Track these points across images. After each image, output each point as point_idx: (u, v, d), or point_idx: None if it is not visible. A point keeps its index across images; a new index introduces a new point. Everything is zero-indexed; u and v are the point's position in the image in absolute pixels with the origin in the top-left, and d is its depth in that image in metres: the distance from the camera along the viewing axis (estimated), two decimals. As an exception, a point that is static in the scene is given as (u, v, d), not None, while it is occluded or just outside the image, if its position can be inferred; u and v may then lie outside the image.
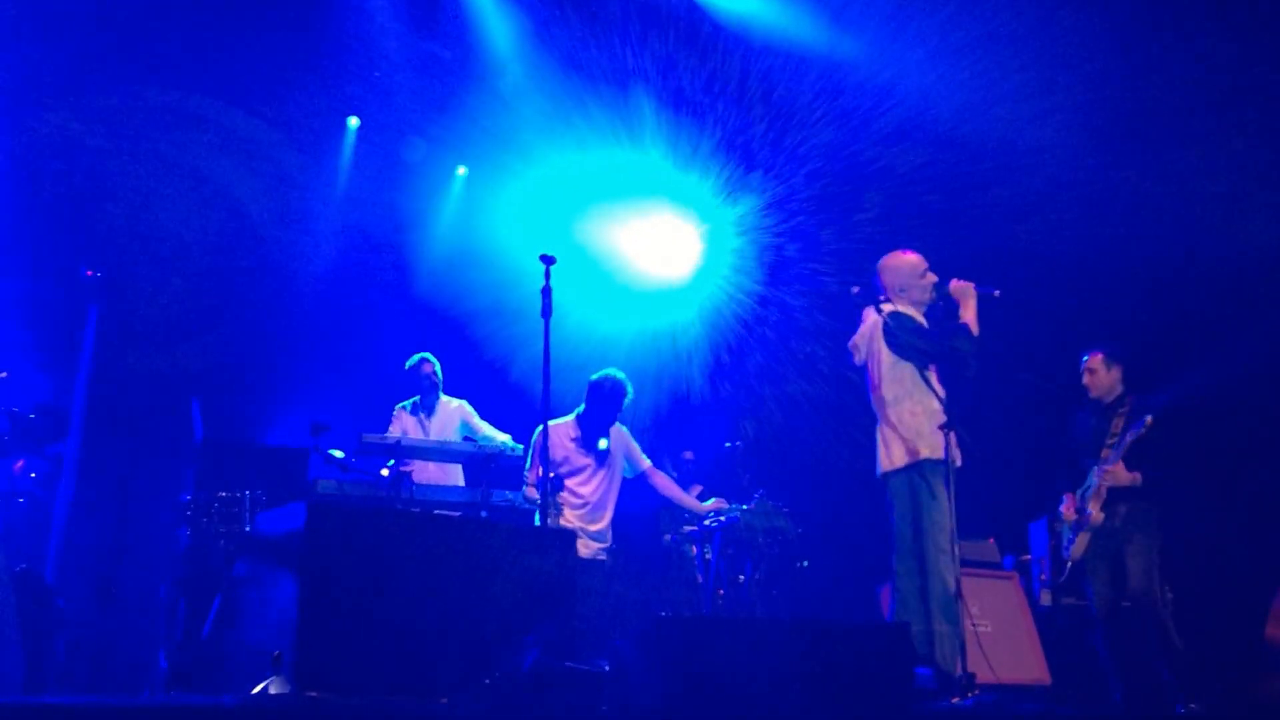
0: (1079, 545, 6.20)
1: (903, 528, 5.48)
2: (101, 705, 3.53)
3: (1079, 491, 6.30)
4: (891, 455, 5.54)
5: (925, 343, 5.56)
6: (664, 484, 6.96)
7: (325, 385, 8.60)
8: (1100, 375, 6.40)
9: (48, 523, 6.60)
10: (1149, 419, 6.02)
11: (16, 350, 7.29)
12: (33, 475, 6.62)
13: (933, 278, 5.77)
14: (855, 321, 5.95)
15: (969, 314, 5.64)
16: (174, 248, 8.47)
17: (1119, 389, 6.39)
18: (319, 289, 9.13)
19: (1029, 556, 7.32)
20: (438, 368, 7.59)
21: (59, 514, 6.56)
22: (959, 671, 5.05)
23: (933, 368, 5.57)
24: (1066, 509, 6.31)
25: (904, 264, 5.80)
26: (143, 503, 7.34)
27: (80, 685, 6.10)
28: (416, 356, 7.61)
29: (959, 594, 5.21)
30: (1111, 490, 6.10)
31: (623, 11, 8.65)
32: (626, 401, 6.69)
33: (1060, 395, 6.55)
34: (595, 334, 8.91)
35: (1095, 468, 6.22)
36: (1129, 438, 6.05)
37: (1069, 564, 6.27)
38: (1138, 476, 6.06)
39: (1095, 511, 6.12)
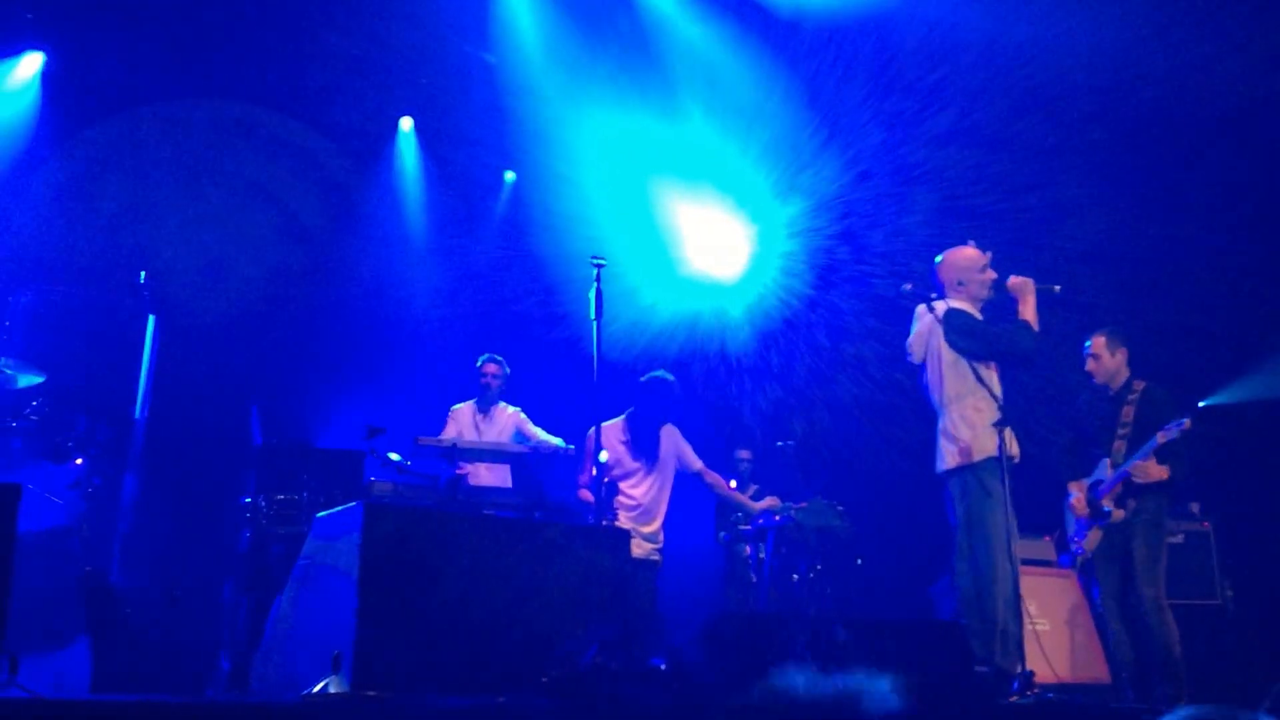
0: (1091, 540, 6.01)
1: (961, 526, 5.44)
2: (166, 704, 3.58)
3: (1088, 482, 6.09)
4: (950, 453, 5.48)
5: (984, 339, 5.49)
6: (717, 483, 6.95)
7: (379, 388, 8.68)
8: (1104, 360, 6.12)
9: (113, 526, 6.71)
10: (1187, 423, 5.74)
11: (79, 358, 7.42)
12: (96, 484, 6.73)
13: (992, 274, 5.69)
14: (906, 321, 5.90)
15: (1029, 310, 5.56)
16: (228, 254, 8.59)
17: (1125, 373, 6.13)
18: (372, 292, 9.22)
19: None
20: (504, 370, 7.57)
21: (123, 517, 6.67)
22: (1018, 670, 4.99)
23: (991, 364, 5.51)
24: (1077, 501, 6.08)
25: (962, 258, 5.73)
26: (204, 505, 7.44)
27: (144, 685, 6.19)
28: (484, 357, 7.61)
29: (1018, 592, 5.14)
30: (1128, 484, 5.90)
31: (672, 12, 8.67)
32: (676, 401, 6.70)
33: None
34: (645, 335, 8.93)
35: (1105, 460, 6.03)
36: (1161, 438, 5.77)
37: (1079, 559, 6.10)
38: (1165, 471, 5.82)
39: (1115, 509, 5.91)
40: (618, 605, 4.73)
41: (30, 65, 8.24)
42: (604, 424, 5.89)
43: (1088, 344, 6.22)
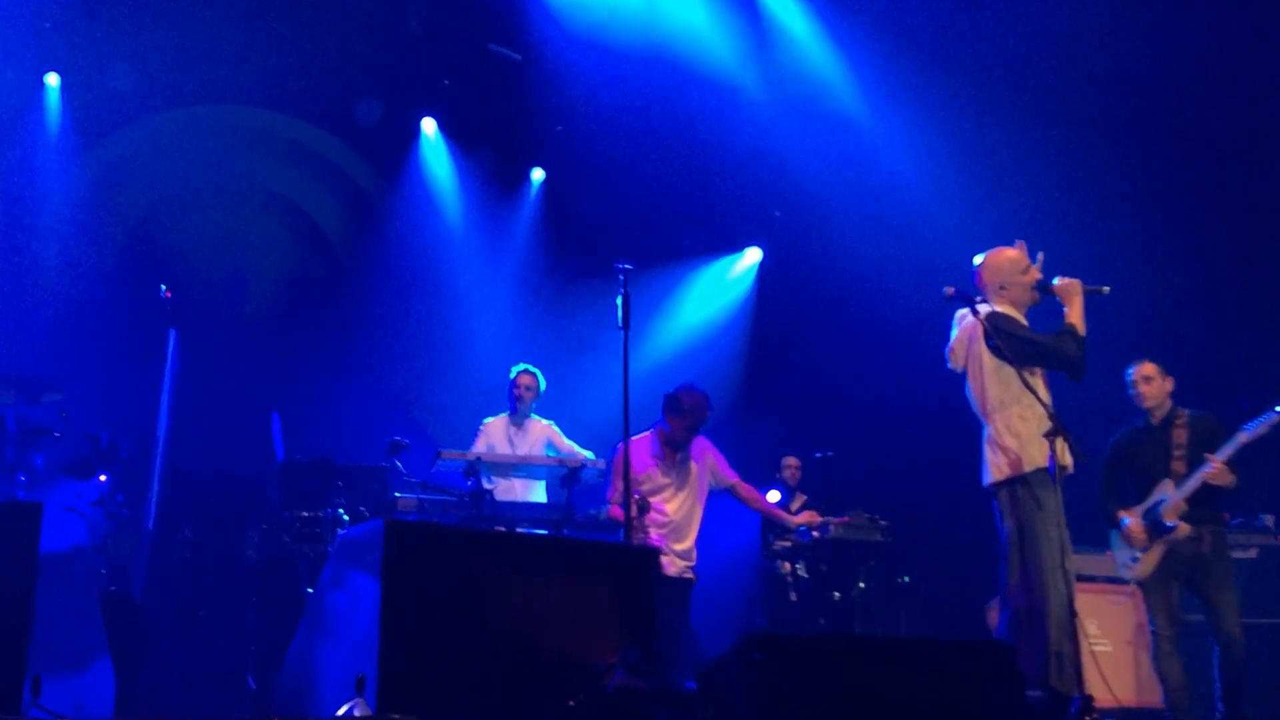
0: (1148, 562, 5.92)
1: (1011, 541, 5.19)
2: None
3: (1143, 509, 5.99)
4: (997, 465, 5.24)
5: (1029, 344, 5.24)
6: (752, 497, 6.73)
7: (403, 400, 8.58)
8: (1156, 384, 6.11)
9: (136, 543, 6.65)
10: (1276, 415, 5.70)
11: (101, 373, 7.38)
12: (119, 500, 6.66)
13: (1035, 275, 5.44)
14: (948, 326, 5.67)
15: (1075, 313, 5.31)
16: (249, 264, 8.55)
17: (1168, 404, 6.12)
18: (395, 301, 9.12)
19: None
20: (541, 383, 7.39)
21: (146, 534, 6.61)
22: (1076, 694, 4.74)
23: (1038, 370, 5.25)
24: (1134, 527, 5.97)
25: (1004, 260, 5.47)
26: (228, 521, 7.37)
27: (169, 705, 6.12)
28: (518, 367, 7.45)
29: (1074, 611, 4.88)
30: (1193, 498, 5.82)
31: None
32: (708, 415, 6.48)
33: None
34: (673, 343, 8.79)
35: (1165, 480, 5.94)
36: (1244, 438, 5.73)
37: (1131, 583, 6.07)
38: (1235, 479, 5.79)
39: (1180, 524, 5.82)
40: (647, 626, 4.55)
41: (50, 82, 8.27)
42: (633, 438, 5.69)
43: (1131, 370, 6.18)
